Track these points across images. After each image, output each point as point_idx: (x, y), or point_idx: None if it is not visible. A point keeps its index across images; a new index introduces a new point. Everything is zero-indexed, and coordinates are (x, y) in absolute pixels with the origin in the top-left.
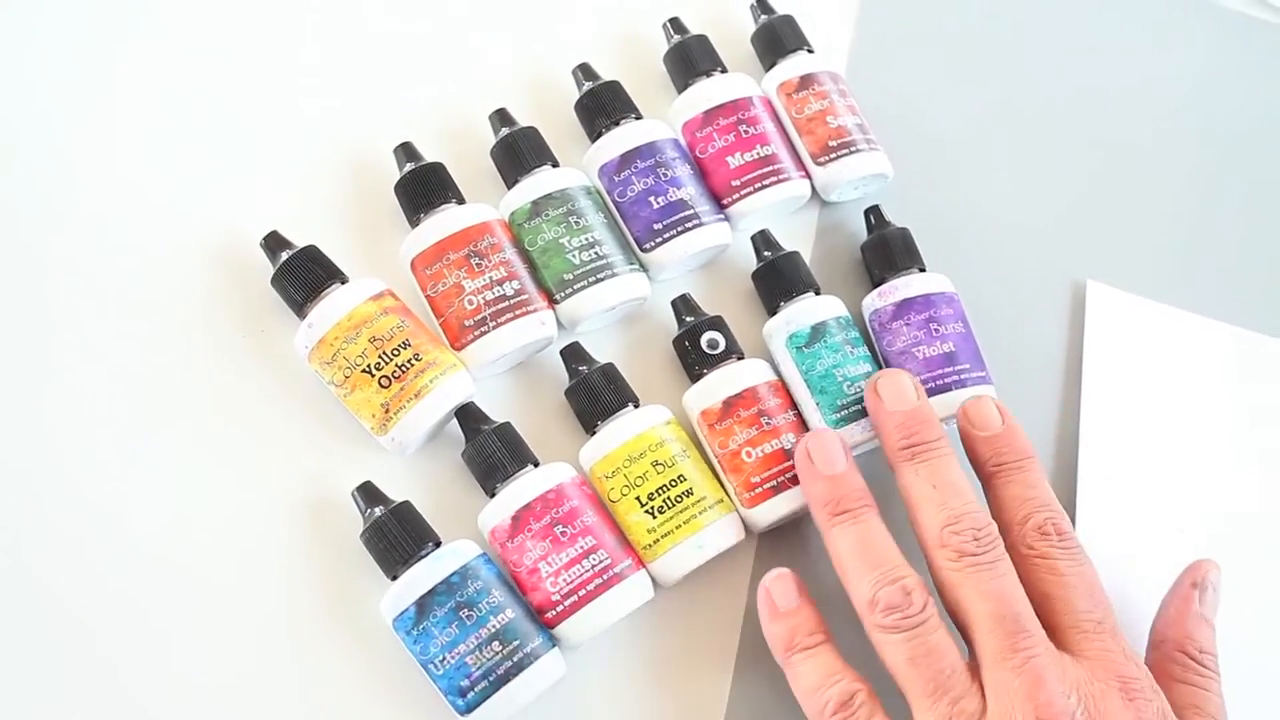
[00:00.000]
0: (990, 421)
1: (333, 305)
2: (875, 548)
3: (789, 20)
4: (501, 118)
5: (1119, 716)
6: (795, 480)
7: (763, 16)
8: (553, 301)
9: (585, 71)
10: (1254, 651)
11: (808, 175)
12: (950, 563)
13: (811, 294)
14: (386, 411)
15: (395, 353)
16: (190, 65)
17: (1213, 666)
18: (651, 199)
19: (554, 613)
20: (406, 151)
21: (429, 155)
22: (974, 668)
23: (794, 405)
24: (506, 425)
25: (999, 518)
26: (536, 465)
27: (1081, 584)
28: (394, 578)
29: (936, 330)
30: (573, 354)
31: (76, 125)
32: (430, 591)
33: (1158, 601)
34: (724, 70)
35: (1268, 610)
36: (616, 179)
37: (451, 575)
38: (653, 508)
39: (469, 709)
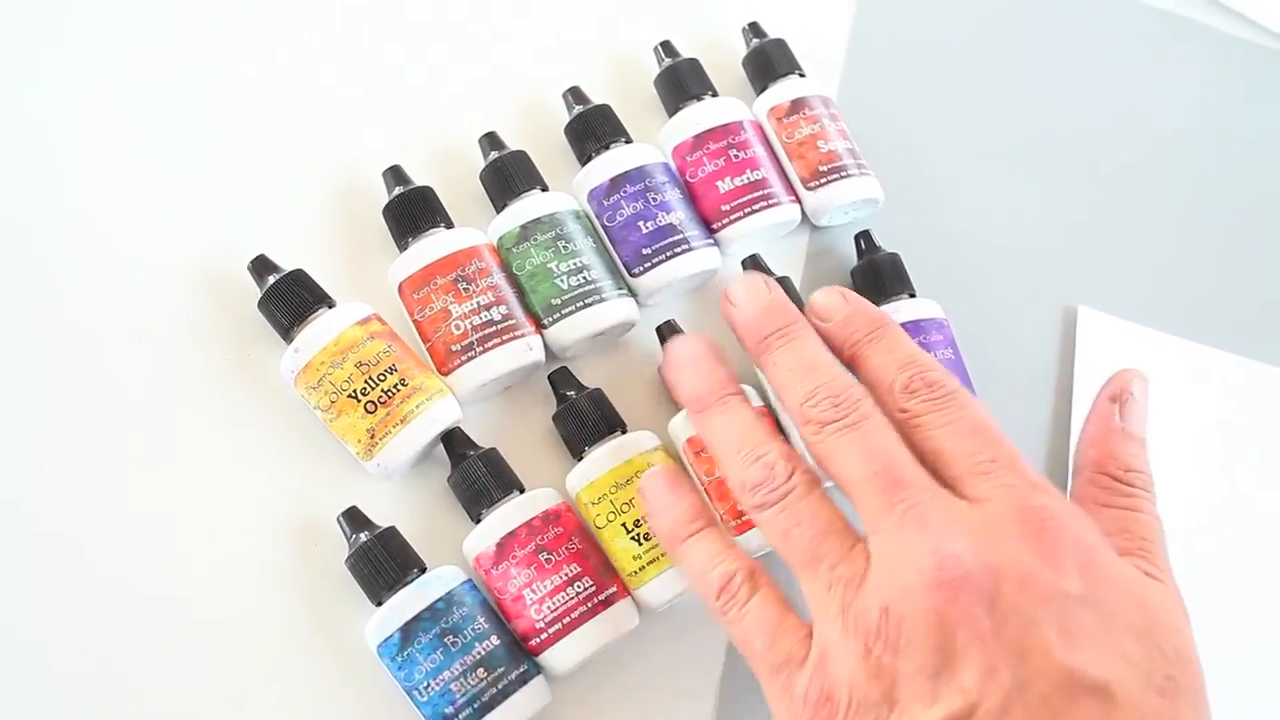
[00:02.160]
0: (833, 308)
1: (319, 330)
2: (739, 430)
3: (781, 44)
4: (491, 141)
5: (1019, 555)
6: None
7: (755, 40)
8: (540, 326)
9: (575, 95)
10: (1242, 676)
11: (798, 200)
12: (815, 436)
13: None
14: (372, 437)
15: (381, 378)
16: (179, 86)
17: (1141, 484)
18: (641, 223)
19: (538, 640)
20: (395, 175)
21: (418, 179)
22: (857, 534)
23: (781, 431)
24: (492, 451)
25: (874, 396)
26: (522, 491)
27: (962, 427)
28: (379, 603)
29: None
30: (560, 379)
31: (63, 148)
32: (415, 618)
33: None
34: (715, 94)
35: (1257, 635)
36: (606, 203)
37: (436, 602)
38: (639, 534)
39: None
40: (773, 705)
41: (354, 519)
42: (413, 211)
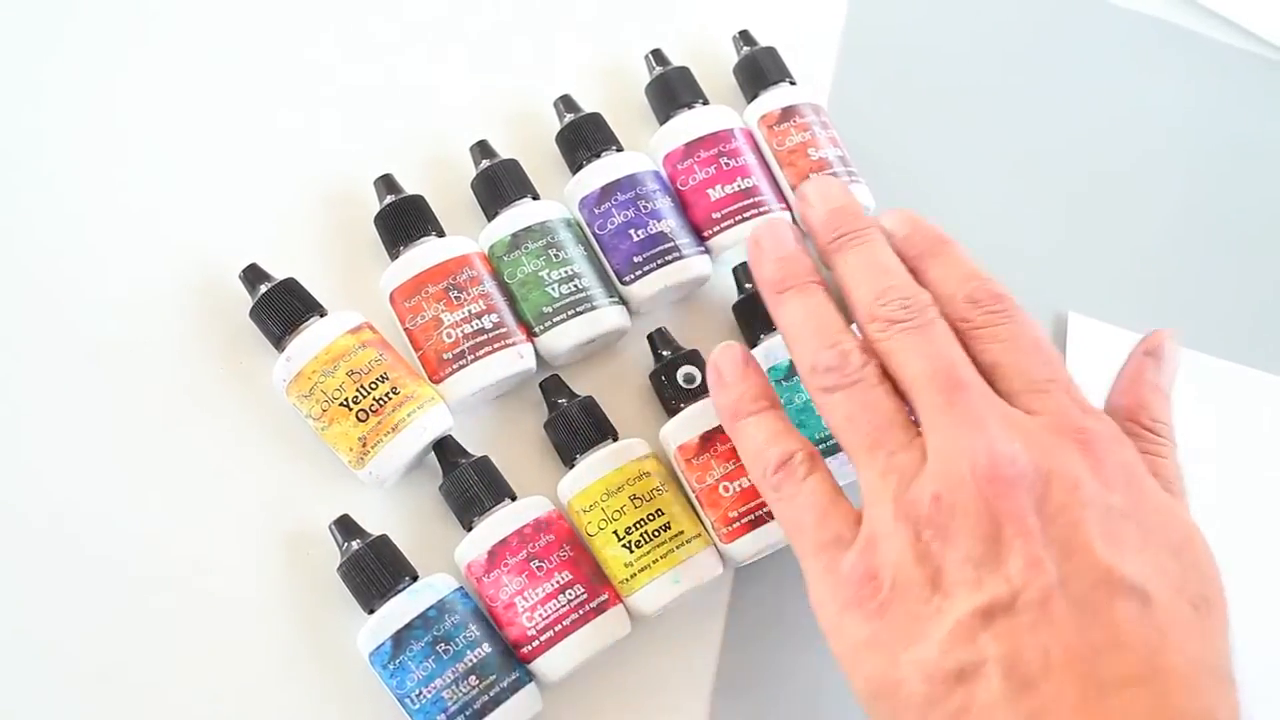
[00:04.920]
0: (900, 224)
1: (311, 338)
2: (818, 316)
3: (771, 52)
4: (482, 150)
5: (1070, 463)
6: (773, 515)
7: (745, 48)
8: (532, 334)
9: (566, 103)
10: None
11: (789, 207)
12: (881, 334)
13: None
14: (364, 445)
15: (373, 386)
16: (171, 96)
17: (1167, 435)
18: (632, 231)
19: (530, 648)
20: (387, 183)
21: (409, 187)
22: (918, 428)
23: None
24: (484, 459)
25: (932, 294)
26: (514, 499)
27: (1023, 343)
28: (371, 611)
29: None
30: (552, 387)
31: (56, 155)
32: (407, 626)
33: None
34: (706, 102)
35: (1251, 639)
36: (597, 211)
37: (428, 609)
38: (630, 542)
39: None
40: (812, 586)
41: (346, 527)
42: (404, 220)
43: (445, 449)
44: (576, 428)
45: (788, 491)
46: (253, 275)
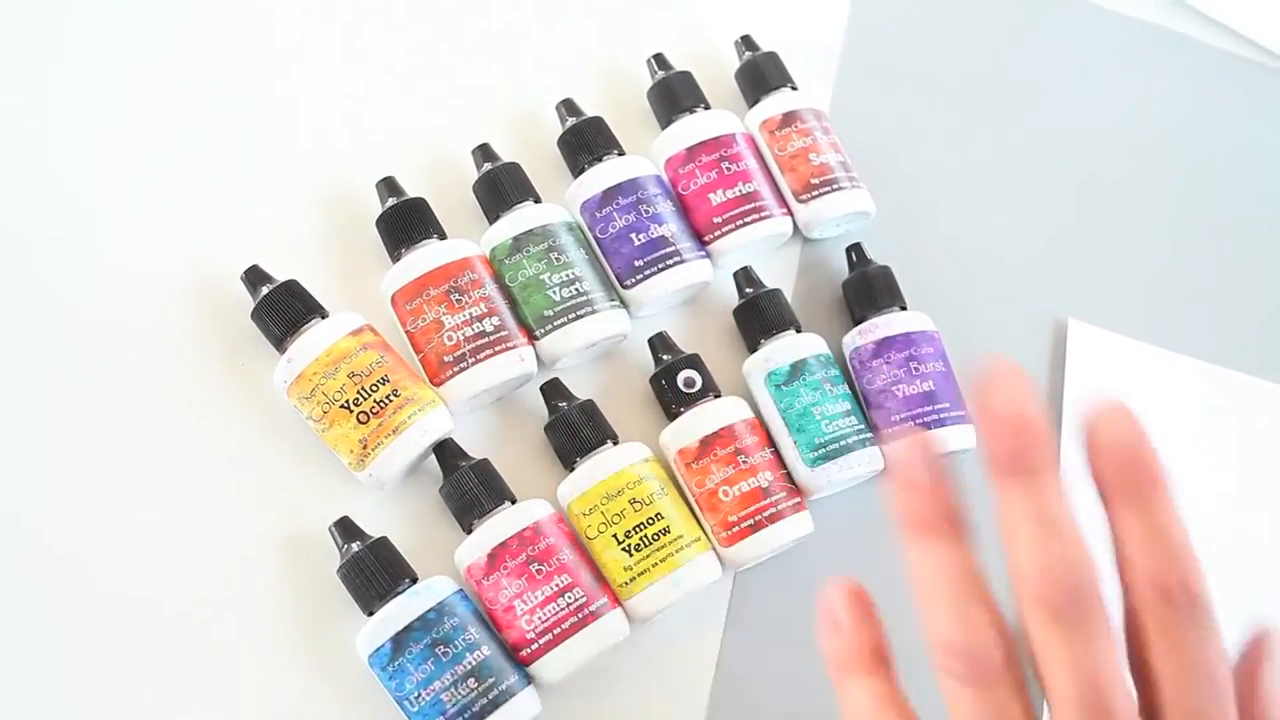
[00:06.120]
0: (1119, 440)
1: (312, 340)
2: (961, 579)
3: (773, 57)
4: (484, 153)
5: None
6: (772, 519)
7: (747, 53)
8: (533, 338)
9: (568, 107)
10: None
11: (790, 212)
12: (1038, 616)
13: (792, 331)
14: (364, 447)
15: (374, 388)
16: (174, 99)
17: None
18: (633, 236)
19: (529, 650)
20: (388, 186)
21: (411, 190)
22: None
23: (771, 443)
24: (484, 462)
25: (1118, 554)
26: (514, 502)
27: (1203, 672)
28: (370, 613)
29: (916, 369)
30: (552, 390)
31: (60, 158)
32: (406, 628)
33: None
34: (707, 107)
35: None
36: (598, 215)
37: (428, 612)
38: (630, 545)
39: None
40: None
41: (346, 529)
42: (406, 223)
43: (445, 451)
44: (576, 431)
45: None
46: (254, 277)
